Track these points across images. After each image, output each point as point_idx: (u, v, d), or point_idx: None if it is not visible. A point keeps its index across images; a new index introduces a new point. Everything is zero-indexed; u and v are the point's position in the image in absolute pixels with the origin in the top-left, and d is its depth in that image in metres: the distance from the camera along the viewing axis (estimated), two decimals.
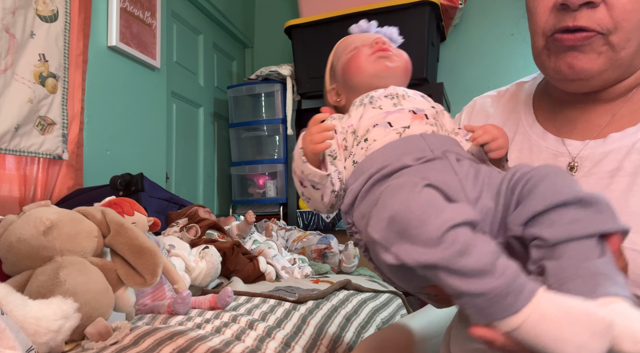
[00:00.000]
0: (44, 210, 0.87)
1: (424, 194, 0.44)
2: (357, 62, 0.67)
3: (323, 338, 1.01)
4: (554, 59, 0.63)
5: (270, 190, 2.76)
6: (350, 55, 0.69)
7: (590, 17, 0.58)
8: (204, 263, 1.32)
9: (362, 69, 0.67)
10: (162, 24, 2.26)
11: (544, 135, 0.70)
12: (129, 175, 1.63)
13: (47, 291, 0.78)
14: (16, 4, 1.51)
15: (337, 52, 0.72)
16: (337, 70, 0.70)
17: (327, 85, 0.73)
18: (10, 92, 1.49)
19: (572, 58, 0.61)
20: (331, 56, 0.74)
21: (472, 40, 2.82)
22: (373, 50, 0.67)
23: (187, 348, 0.78)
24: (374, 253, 0.52)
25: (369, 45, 0.68)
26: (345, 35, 0.74)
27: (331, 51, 0.76)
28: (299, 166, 0.60)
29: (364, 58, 0.67)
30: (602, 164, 0.62)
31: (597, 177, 0.61)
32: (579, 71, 0.61)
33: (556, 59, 0.63)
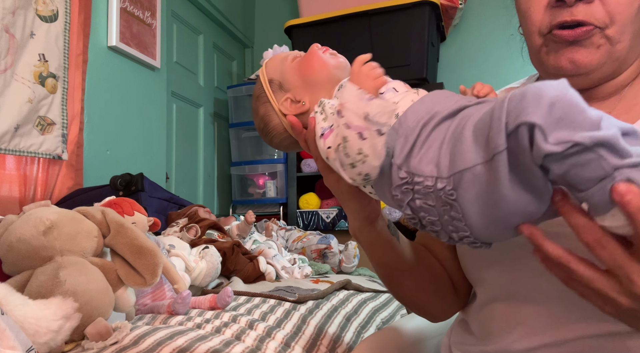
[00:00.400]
0: (44, 210, 0.87)
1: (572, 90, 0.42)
2: (317, 58, 0.67)
3: (323, 338, 1.01)
4: (553, 55, 0.63)
5: (270, 190, 2.76)
6: (300, 58, 0.68)
7: (586, 12, 0.59)
8: (204, 263, 1.32)
9: (325, 63, 0.66)
10: (162, 24, 2.26)
11: None
12: (129, 175, 1.63)
13: (47, 291, 0.78)
14: (16, 4, 1.51)
15: (272, 68, 0.70)
16: (288, 79, 0.68)
17: (274, 102, 0.69)
18: (10, 92, 1.49)
19: (573, 53, 0.61)
20: (264, 75, 0.70)
21: (472, 40, 2.82)
22: (323, 50, 0.68)
23: (187, 348, 0.78)
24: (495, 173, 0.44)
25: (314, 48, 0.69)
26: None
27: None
28: (361, 108, 0.52)
29: (320, 55, 0.67)
30: None
31: None
32: (580, 65, 0.62)
33: (556, 55, 0.63)
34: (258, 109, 0.71)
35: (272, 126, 0.70)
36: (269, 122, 0.70)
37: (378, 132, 0.52)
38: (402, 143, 0.53)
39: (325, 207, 2.70)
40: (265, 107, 0.70)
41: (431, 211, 0.51)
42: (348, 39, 2.49)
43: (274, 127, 0.70)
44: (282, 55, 0.71)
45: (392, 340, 0.89)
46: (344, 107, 0.54)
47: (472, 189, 0.46)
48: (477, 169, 0.46)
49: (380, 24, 2.45)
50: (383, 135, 0.53)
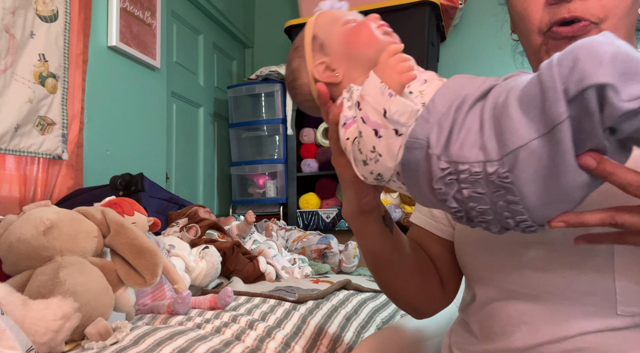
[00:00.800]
0: (44, 210, 0.87)
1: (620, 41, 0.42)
2: (369, 34, 0.62)
3: (323, 338, 1.01)
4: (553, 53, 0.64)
5: (270, 190, 2.76)
6: (352, 27, 0.63)
7: (583, 8, 0.61)
8: (204, 263, 1.32)
9: (374, 40, 0.62)
10: (162, 24, 2.26)
11: None
12: (129, 175, 1.63)
13: (47, 291, 0.78)
14: (16, 4, 1.51)
15: (322, 24, 0.65)
16: (331, 42, 0.63)
17: (309, 61, 0.64)
18: (10, 92, 1.49)
19: None
20: (310, 29, 0.65)
21: (472, 40, 2.82)
22: (378, 24, 0.64)
23: (187, 348, 0.78)
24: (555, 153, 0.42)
25: (369, 19, 0.64)
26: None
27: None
28: (381, 104, 0.49)
29: (372, 30, 0.62)
30: None
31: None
32: None
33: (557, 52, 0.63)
34: (292, 60, 0.67)
35: (299, 84, 0.66)
36: (298, 78, 0.66)
37: (395, 131, 0.50)
38: (437, 131, 0.49)
39: (325, 207, 2.70)
40: (299, 62, 0.66)
41: (482, 200, 0.47)
42: None
43: (300, 85, 0.66)
44: (336, 14, 0.66)
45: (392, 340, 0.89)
46: (363, 100, 0.52)
47: (529, 167, 0.43)
48: (533, 144, 0.43)
49: None
50: (401, 136, 0.50)
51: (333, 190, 2.71)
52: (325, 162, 2.70)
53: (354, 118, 0.56)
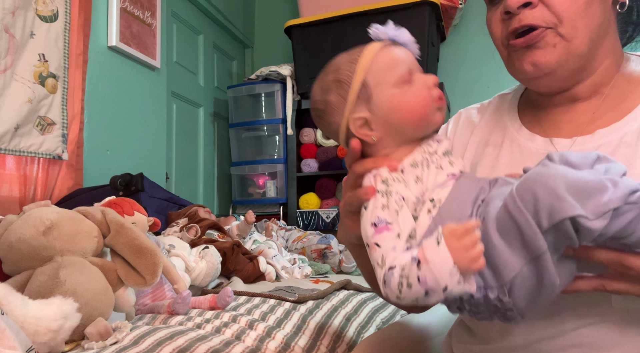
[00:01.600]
0: (44, 210, 0.87)
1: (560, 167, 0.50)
2: (421, 110, 0.59)
3: (323, 338, 1.01)
4: (517, 62, 0.68)
5: (270, 190, 2.76)
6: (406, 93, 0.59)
7: (532, 16, 0.64)
8: (204, 263, 1.32)
9: (425, 120, 0.59)
10: (162, 24, 2.26)
11: (531, 138, 0.72)
12: (129, 175, 1.63)
13: (47, 291, 0.78)
14: (16, 4, 1.51)
15: (377, 71, 0.60)
16: (380, 101, 0.59)
17: (349, 108, 0.60)
18: (9, 92, 1.49)
19: (531, 56, 0.66)
20: (363, 70, 0.59)
21: (472, 40, 2.82)
22: (435, 97, 0.60)
23: (187, 348, 0.78)
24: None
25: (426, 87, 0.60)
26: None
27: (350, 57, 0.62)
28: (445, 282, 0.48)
29: (428, 107, 0.59)
30: None
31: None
32: (541, 66, 0.65)
33: (519, 61, 0.67)
34: (330, 92, 0.61)
35: (330, 120, 0.62)
36: (330, 114, 0.62)
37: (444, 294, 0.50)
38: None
39: (325, 207, 2.70)
40: (338, 100, 0.61)
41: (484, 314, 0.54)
42: (348, 39, 2.49)
43: (330, 122, 0.63)
44: (396, 62, 0.60)
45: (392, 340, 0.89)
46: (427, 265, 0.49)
47: (523, 288, 0.50)
48: (523, 271, 0.49)
49: (380, 24, 2.44)
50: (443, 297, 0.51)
51: (333, 190, 2.71)
52: (325, 162, 2.70)
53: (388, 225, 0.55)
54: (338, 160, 2.69)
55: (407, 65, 0.60)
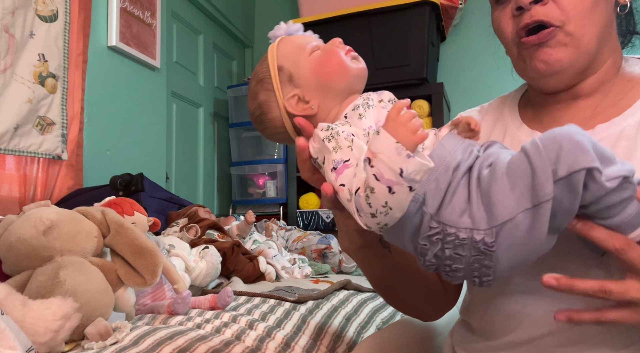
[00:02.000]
0: (44, 210, 0.87)
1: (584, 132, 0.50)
2: (340, 62, 0.61)
3: (323, 338, 1.01)
4: (529, 61, 0.69)
5: (270, 190, 2.76)
6: (319, 56, 0.62)
7: (543, 12, 0.65)
8: (204, 263, 1.32)
9: (347, 69, 0.61)
10: (162, 24, 2.26)
11: (532, 134, 0.73)
12: (129, 175, 1.63)
13: (47, 291, 0.78)
14: (16, 4, 1.51)
15: (286, 54, 0.63)
16: (301, 73, 0.62)
17: (279, 94, 0.62)
18: (9, 92, 1.49)
19: (543, 54, 0.67)
20: (274, 60, 0.63)
21: (472, 40, 2.82)
22: (345, 50, 0.63)
23: (187, 348, 0.78)
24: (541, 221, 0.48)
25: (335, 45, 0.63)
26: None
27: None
28: (397, 164, 0.48)
29: (342, 59, 0.61)
30: None
31: None
32: (553, 63, 0.67)
33: (530, 60, 0.69)
34: (257, 93, 0.65)
35: (270, 117, 0.64)
36: (267, 112, 0.64)
37: (410, 188, 0.50)
38: (434, 189, 0.53)
39: (325, 207, 2.69)
40: (268, 95, 0.64)
41: (460, 260, 0.52)
42: (348, 39, 2.47)
43: (271, 119, 0.65)
44: (298, 42, 0.64)
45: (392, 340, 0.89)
46: (376, 158, 0.50)
47: (510, 238, 0.50)
48: (518, 217, 0.49)
49: (380, 24, 2.45)
50: (413, 191, 0.50)
51: None
52: None
53: (346, 162, 0.54)
54: None
55: (310, 40, 0.64)
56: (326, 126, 0.58)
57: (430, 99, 2.47)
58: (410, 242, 0.55)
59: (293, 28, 0.66)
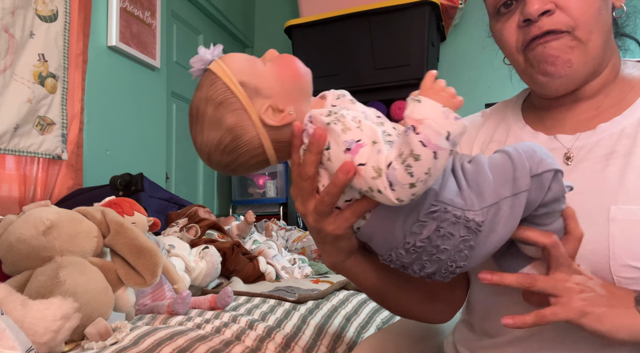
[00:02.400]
0: (43, 210, 0.87)
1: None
2: (299, 64, 0.60)
3: (323, 338, 1.01)
4: (537, 65, 0.69)
5: (270, 190, 2.76)
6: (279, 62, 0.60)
7: (551, 22, 0.66)
8: (204, 264, 1.32)
9: (307, 69, 0.61)
10: (162, 24, 2.26)
11: (535, 135, 0.74)
12: (128, 175, 1.63)
13: (47, 291, 0.78)
14: (15, 4, 1.51)
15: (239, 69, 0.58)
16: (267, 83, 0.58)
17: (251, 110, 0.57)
18: (9, 92, 1.49)
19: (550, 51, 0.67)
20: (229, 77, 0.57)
21: (472, 40, 2.82)
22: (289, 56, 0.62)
23: (187, 348, 0.78)
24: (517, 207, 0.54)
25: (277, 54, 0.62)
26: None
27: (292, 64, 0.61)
28: (445, 128, 0.49)
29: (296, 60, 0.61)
30: (596, 150, 0.67)
31: (592, 161, 0.67)
32: (562, 65, 0.67)
33: (539, 63, 0.69)
34: (223, 118, 0.57)
35: (246, 140, 0.58)
36: (242, 135, 0.57)
37: (450, 151, 0.51)
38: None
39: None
40: (238, 116, 0.57)
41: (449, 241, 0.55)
42: (348, 39, 2.49)
43: (247, 142, 0.58)
44: (244, 57, 0.61)
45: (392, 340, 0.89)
46: (423, 124, 0.50)
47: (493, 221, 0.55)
48: (503, 202, 0.55)
49: (380, 24, 2.45)
50: (451, 155, 0.52)
51: None
52: None
53: (358, 142, 0.53)
54: None
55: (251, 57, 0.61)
56: (326, 111, 0.56)
57: None
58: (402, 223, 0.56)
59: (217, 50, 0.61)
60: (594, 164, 0.66)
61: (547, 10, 0.65)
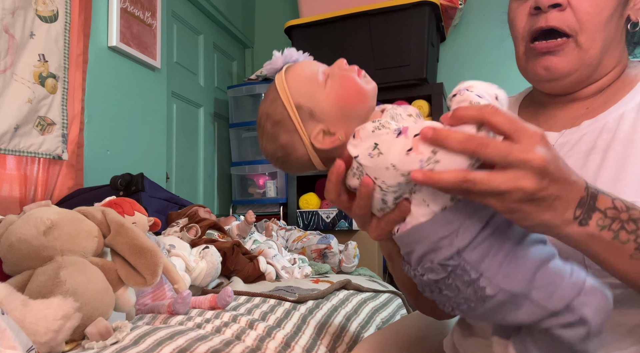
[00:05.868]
0: (44, 210, 0.87)
1: None
2: (357, 87, 0.59)
3: (323, 338, 1.01)
4: (531, 63, 0.71)
5: (270, 190, 2.76)
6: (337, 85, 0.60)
7: (559, 18, 0.66)
8: (204, 263, 1.32)
9: (365, 96, 0.59)
10: (162, 24, 2.26)
11: None
12: (129, 175, 1.63)
13: (48, 291, 0.78)
14: (16, 4, 1.51)
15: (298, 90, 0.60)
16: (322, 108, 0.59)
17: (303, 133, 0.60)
18: (9, 93, 1.49)
19: (547, 61, 0.69)
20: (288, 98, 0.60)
21: (472, 40, 2.82)
22: (355, 73, 0.60)
23: (187, 348, 0.78)
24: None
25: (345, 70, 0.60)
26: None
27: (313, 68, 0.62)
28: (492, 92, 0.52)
29: (359, 84, 0.59)
30: (578, 146, 0.68)
31: (574, 158, 0.67)
32: (554, 72, 0.69)
33: (534, 63, 0.70)
34: (278, 136, 0.61)
35: (295, 157, 0.62)
36: (292, 153, 0.62)
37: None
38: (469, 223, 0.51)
39: (325, 207, 2.70)
40: (290, 137, 0.61)
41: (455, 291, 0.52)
42: (348, 39, 2.49)
43: (296, 159, 0.62)
44: (306, 74, 0.61)
45: (392, 340, 0.89)
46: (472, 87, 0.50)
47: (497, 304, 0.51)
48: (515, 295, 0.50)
49: (380, 24, 2.45)
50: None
51: None
52: None
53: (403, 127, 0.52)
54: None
55: (316, 67, 0.61)
56: (371, 122, 0.55)
57: (430, 99, 2.47)
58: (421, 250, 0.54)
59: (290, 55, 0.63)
60: (576, 160, 0.67)
61: (559, 4, 0.66)
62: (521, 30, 0.72)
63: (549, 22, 0.67)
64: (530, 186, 0.46)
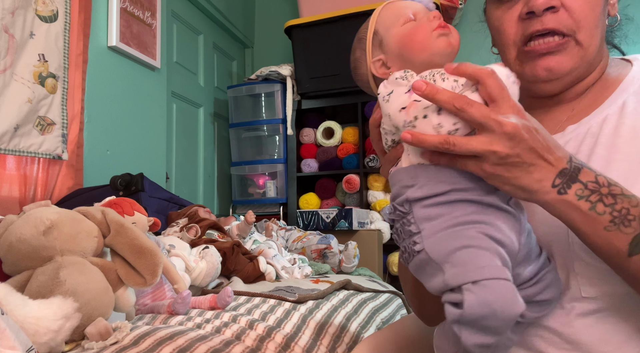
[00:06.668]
0: (44, 210, 0.87)
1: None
2: (420, 38, 0.63)
3: (323, 338, 1.01)
4: (529, 66, 0.69)
5: (270, 190, 2.76)
6: (408, 28, 0.64)
7: (555, 20, 0.65)
8: (204, 263, 1.32)
9: (426, 47, 0.62)
10: (162, 24, 2.26)
11: None
12: (129, 175, 1.63)
13: (47, 291, 0.78)
14: (15, 4, 1.51)
15: (384, 19, 0.67)
16: (389, 41, 0.65)
17: (369, 55, 0.68)
18: (9, 92, 1.49)
19: (547, 61, 0.67)
20: (373, 22, 0.68)
21: (471, 40, 2.82)
22: (434, 25, 0.63)
23: (187, 348, 0.78)
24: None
25: (427, 19, 0.64)
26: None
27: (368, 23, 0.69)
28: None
29: (426, 35, 0.63)
30: None
31: None
32: (556, 71, 0.67)
33: (532, 65, 0.69)
34: (355, 50, 0.72)
35: (360, 73, 0.71)
36: (358, 68, 0.71)
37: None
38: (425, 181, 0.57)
39: (325, 207, 2.69)
40: (360, 54, 0.70)
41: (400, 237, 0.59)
42: (348, 39, 2.48)
43: (361, 74, 0.71)
44: (398, 10, 0.67)
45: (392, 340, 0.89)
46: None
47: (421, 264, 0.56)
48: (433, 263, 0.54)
49: None
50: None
51: (333, 190, 2.71)
52: (325, 162, 2.70)
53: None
54: (338, 160, 2.69)
55: (410, 10, 0.66)
56: (402, 71, 0.61)
57: None
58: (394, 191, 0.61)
59: None
60: None
61: (553, 7, 0.65)
62: (512, 36, 0.70)
63: (546, 24, 0.66)
64: (502, 150, 0.51)
